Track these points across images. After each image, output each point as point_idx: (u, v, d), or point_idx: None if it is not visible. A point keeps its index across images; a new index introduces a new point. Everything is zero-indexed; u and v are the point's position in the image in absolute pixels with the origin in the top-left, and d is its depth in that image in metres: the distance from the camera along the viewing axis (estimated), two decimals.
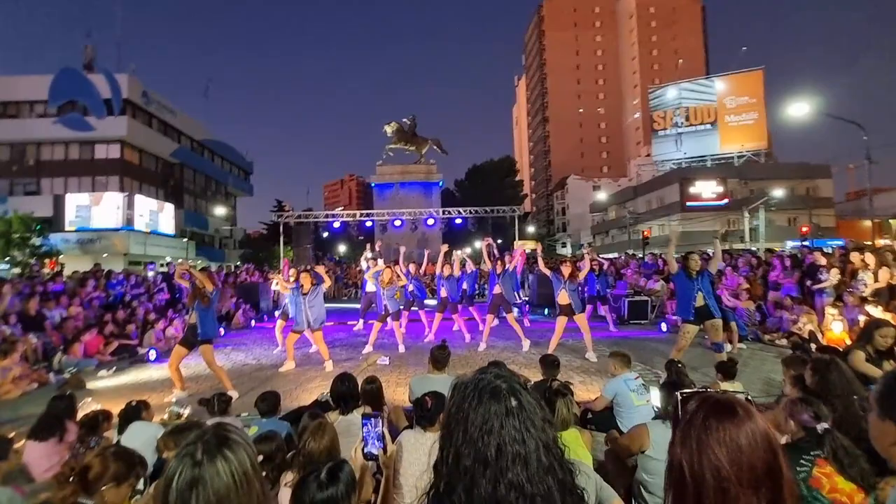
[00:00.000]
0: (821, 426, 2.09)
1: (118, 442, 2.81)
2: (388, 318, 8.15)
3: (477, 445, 0.95)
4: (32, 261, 20.84)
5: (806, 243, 19.95)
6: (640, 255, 20.31)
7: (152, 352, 8.42)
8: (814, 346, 6.45)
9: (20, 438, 3.50)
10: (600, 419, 4.04)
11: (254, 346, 9.20)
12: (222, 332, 10.83)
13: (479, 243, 37.52)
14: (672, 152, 39.32)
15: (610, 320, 10.19)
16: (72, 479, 1.93)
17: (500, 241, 25.01)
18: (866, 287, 7.70)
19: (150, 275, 13.51)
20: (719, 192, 35.22)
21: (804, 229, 24.84)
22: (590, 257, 9.65)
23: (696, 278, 5.79)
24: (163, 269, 16.26)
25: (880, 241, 16.04)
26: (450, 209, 20.87)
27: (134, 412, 3.32)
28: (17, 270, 18.62)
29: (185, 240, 31.30)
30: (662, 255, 16.07)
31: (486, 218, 19.96)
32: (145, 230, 29.04)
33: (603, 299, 10.49)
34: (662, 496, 0.97)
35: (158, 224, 30.69)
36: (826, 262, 8.93)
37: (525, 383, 1.06)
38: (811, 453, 1.99)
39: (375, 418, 1.51)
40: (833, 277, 8.47)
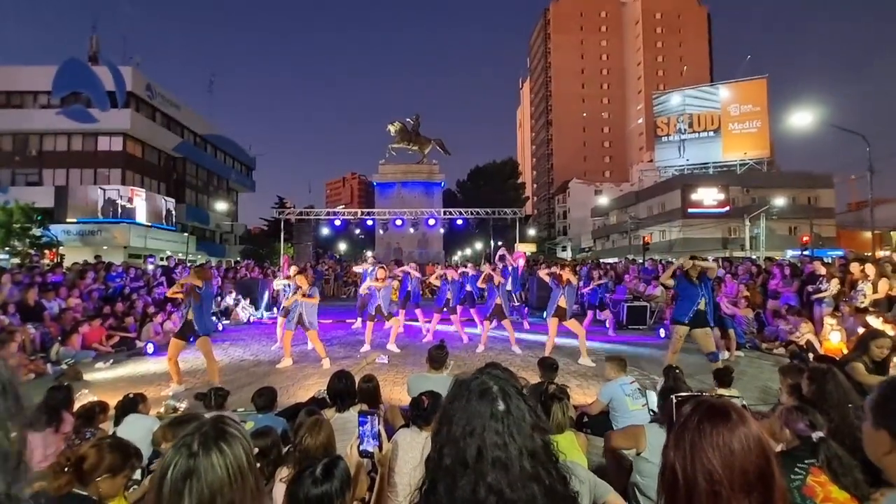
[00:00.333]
0: (816, 435, 2.09)
1: (114, 433, 2.81)
2: (378, 316, 8.17)
3: (458, 445, 0.94)
4: (32, 251, 20.86)
5: (806, 253, 19.96)
6: (641, 260, 20.31)
7: (150, 345, 8.43)
8: (811, 355, 6.45)
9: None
10: (596, 423, 4.07)
11: (252, 342, 9.21)
12: (221, 326, 10.85)
13: (479, 245, 37.66)
14: (675, 158, 39.38)
15: (610, 325, 10.20)
16: (67, 469, 1.93)
17: (500, 243, 24.99)
18: (865, 298, 7.69)
19: (149, 268, 13.51)
20: (721, 200, 35.26)
21: (805, 239, 24.85)
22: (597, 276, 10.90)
23: (699, 284, 5.81)
24: (163, 262, 16.25)
25: (880, 252, 16.04)
26: (451, 210, 20.88)
27: (131, 404, 3.32)
28: (16, 260, 18.61)
29: (186, 234, 31.30)
30: (663, 262, 16.08)
31: (487, 220, 19.95)
32: (146, 223, 29.04)
33: (602, 305, 10.54)
34: (656, 499, 0.97)
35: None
36: (825, 271, 8.92)
37: (522, 388, 1.06)
38: (805, 462, 1.99)
39: (372, 416, 1.52)
40: (832, 287, 8.47)
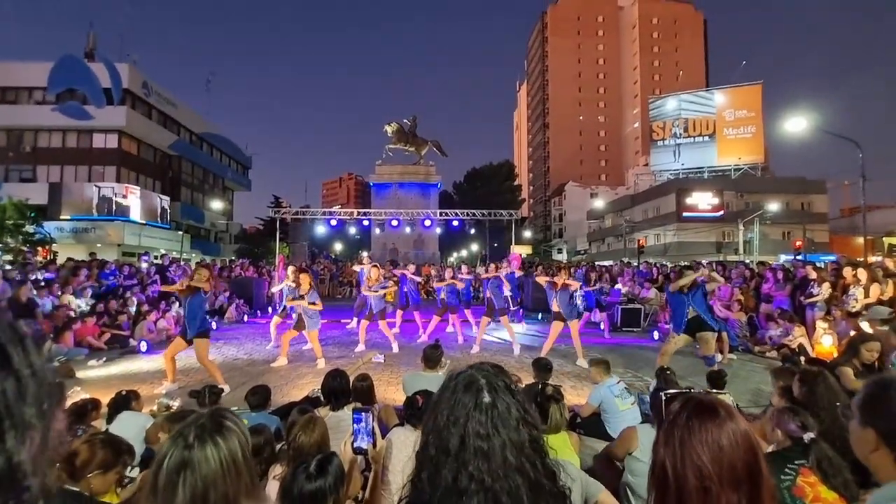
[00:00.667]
0: (807, 436, 2.11)
1: (106, 430, 2.80)
2: (373, 316, 8.18)
3: (442, 434, 0.96)
4: (26, 248, 20.67)
5: (799, 257, 20.13)
6: (636, 263, 20.40)
7: (143, 343, 8.37)
8: (803, 358, 6.49)
9: None
10: (588, 423, 4.15)
11: (246, 341, 9.18)
12: (214, 325, 10.80)
13: (475, 246, 37.71)
14: (670, 163, 39.60)
15: (605, 327, 10.24)
16: (58, 465, 1.92)
17: (496, 244, 25.02)
18: (857, 302, 7.77)
19: (143, 266, 13.42)
20: (715, 204, 35.48)
21: (798, 244, 25.02)
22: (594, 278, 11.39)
23: (686, 293, 5.97)
24: (157, 261, 16.14)
25: (872, 257, 16.19)
26: (447, 211, 20.90)
27: (124, 402, 3.30)
28: (9, 257, 18.44)
29: (181, 233, 31.13)
30: (658, 265, 16.15)
31: (483, 221, 19.97)
32: (140, 221, 28.86)
33: (600, 306, 10.60)
34: (647, 497, 0.98)
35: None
36: (817, 275, 9.01)
37: (515, 383, 1.06)
38: (796, 462, 2.01)
39: (367, 413, 1.52)
40: (824, 291, 8.54)
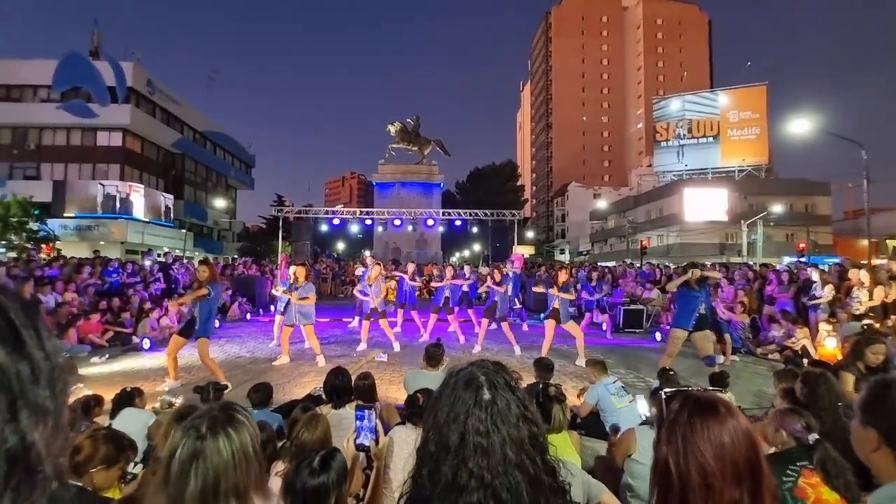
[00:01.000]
0: (811, 436, 2.11)
1: (109, 426, 2.81)
2: (372, 315, 8.20)
3: (442, 431, 0.96)
4: (29, 245, 20.78)
5: (803, 259, 20.05)
6: (638, 264, 20.36)
7: (146, 341, 8.41)
8: (806, 360, 6.48)
9: None
10: (588, 423, 4.19)
11: (248, 339, 9.20)
12: (217, 323, 10.82)
13: (477, 246, 37.66)
14: (673, 164, 39.49)
15: (607, 328, 10.22)
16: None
17: (498, 244, 25.01)
18: (861, 305, 7.74)
19: (146, 264, 13.46)
20: (719, 206, 35.34)
21: (801, 246, 24.94)
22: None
23: (699, 290, 5.84)
24: (160, 259, 16.19)
25: (877, 260, 16.09)
26: (449, 211, 20.90)
27: (127, 398, 3.32)
28: (13, 254, 18.54)
29: (184, 231, 31.22)
30: (661, 267, 16.12)
31: (485, 221, 19.96)
32: (144, 219, 28.96)
33: (601, 308, 10.58)
34: (648, 494, 0.99)
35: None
36: (819, 278, 8.99)
37: (515, 380, 1.06)
38: (798, 463, 2.00)
39: (369, 410, 1.52)
40: (828, 294, 8.51)
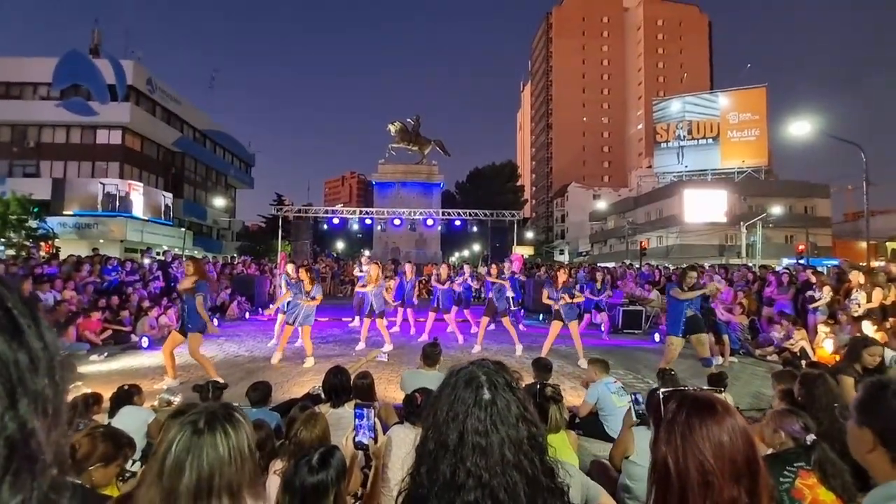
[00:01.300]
0: (809, 437, 2.11)
1: (108, 424, 2.81)
2: (373, 314, 8.20)
3: (441, 430, 0.96)
4: (29, 243, 20.75)
5: (802, 261, 20.08)
6: (638, 265, 20.38)
7: (145, 339, 8.41)
8: (804, 362, 6.49)
9: None
10: (586, 423, 4.19)
11: (247, 338, 9.20)
12: (216, 322, 10.81)
13: (477, 246, 37.68)
14: (673, 165, 39.53)
15: (605, 328, 10.20)
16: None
17: (497, 245, 25.01)
18: (859, 307, 7.76)
19: (145, 262, 13.46)
20: (719, 207, 35.38)
21: (801, 247, 24.98)
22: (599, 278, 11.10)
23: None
24: (159, 257, 16.19)
25: (875, 262, 16.13)
26: (449, 211, 20.90)
27: (126, 397, 3.32)
28: (12, 252, 18.52)
29: (183, 229, 31.19)
30: (660, 268, 16.13)
31: (485, 221, 19.98)
32: (143, 217, 28.94)
33: (598, 308, 10.52)
34: (646, 493, 0.99)
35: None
36: (816, 279, 9.00)
37: (515, 381, 1.07)
38: (795, 464, 2.01)
39: (368, 409, 1.53)
40: (826, 295, 8.53)
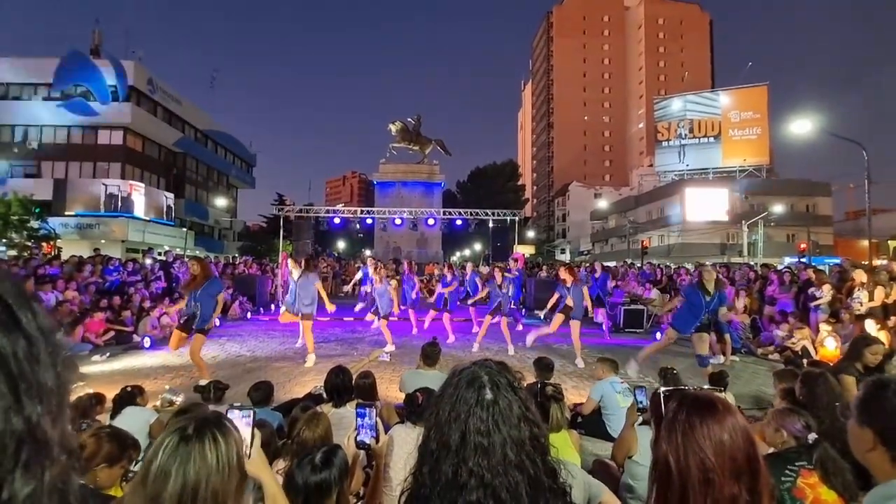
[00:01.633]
0: (811, 436, 2.12)
1: (111, 425, 2.82)
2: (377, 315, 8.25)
3: (443, 430, 0.97)
4: (30, 243, 20.80)
5: (803, 260, 20.05)
6: (639, 264, 20.36)
7: (147, 339, 8.43)
8: (806, 361, 6.48)
9: None
10: (589, 422, 4.17)
11: (249, 338, 9.21)
12: (217, 322, 10.82)
13: (478, 245, 37.66)
14: (674, 164, 39.48)
15: (605, 327, 10.11)
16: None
17: (499, 244, 25.00)
18: (861, 306, 7.76)
19: (147, 262, 13.49)
20: (720, 206, 35.34)
21: (802, 246, 24.94)
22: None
23: (712, 296, 5.40)
24: (161, 257, 16.21)
25: (877, 261, 16.08)
26: (450, 210, 20.89)
27: (129, 397, 3.33)
28: (14, 252, 18.56)
29: (185, 229, 31.25)
30: (661, 267, 16.11)
31: (486, 221, 19.95)
32: (145, 218, 28.99)
33: (600, 302, 10.25)
34: (647, 491, 1.00)
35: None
36: (816, 278, 9.00)
37: (518, 381, 1.07)
38: (796, 464, 2.01)
39: (370, 408, 1.53)
40: (827, 294, 8.53)
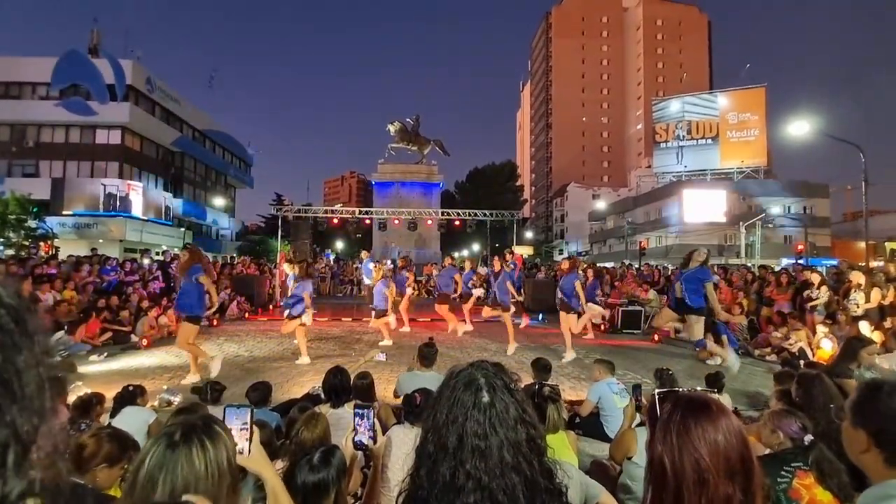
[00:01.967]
0: (807, 437, 2.13)
1: (109, 424, 2.82)
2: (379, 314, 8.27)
3: (441, 432, 0.97)
4: (28, 243, 20.74)
5: (801, 261, 20.12)
6: (637, 265, 20.40)
7: (144, 339, 8.41)
8: (802, 362, 6.51)
9: None
10: (587, 423, 4.19)
11: (247, 338, 9.20)
12: (216, 322, 10.81)
13: (476, 246, 37.66)
14: (672, 165, 39.56)
15: (591, 329, 9.66)
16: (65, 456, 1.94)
17: (497, 245, 25.02)
18: (857, 307, 7.80)
19: (145, 262, 13.47)
20: (718, 207, 35.44)
21: (800, 247, 25.01)
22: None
23: (682, 272, 6.33)
24: (159, 257, 16.20)
25: (874, 262, 16.16)
26: (449, 210, 20.90)
27: (130, 397, 3.33)
28: (11, 252, 18.51)
29: (183, 229, 31.19)
30: (659, 268, 16.14)
31: (484, 221, 19.97)
32: (143, 217, 28.93)
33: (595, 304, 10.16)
34: (643, 491, 1.01)
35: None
36: (812, 277, 9.04)
37: (514, 382, 1.07)
38: (792, 465, 2.02)
39: (368, 409, 1.54)
40: (823, 294, 8.56)
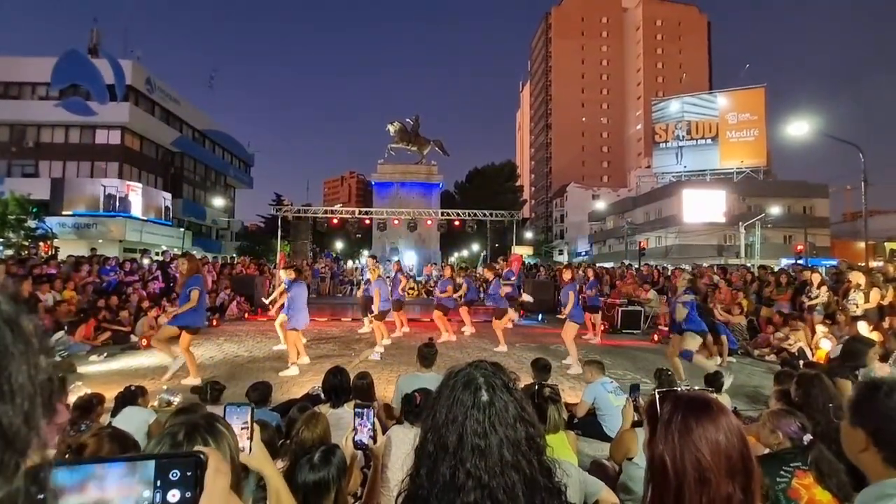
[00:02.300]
0: (807, 437, 2.14)
1: (110, 424, 2.82)
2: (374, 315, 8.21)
3: (440, 432, 0.97)
4: (27, 243, 20.73)
5: (800, 261, 20.14)
6: (637, 265, 20.41)
7: (144, 339, 8.41)
8: (802, 362, 6.52)
9: None
10: (585, 423, 4.21)
11: (247, 339, 9.21)
12: (215, 322, 10.83)
13: (476, 246, 37.67)
14: (672, 165, 39.58)
15: (592, 330, 9.64)
16: (67, 456, 1.95)
17: (497, 245, 25.03)
18: (856, 307, 7.81)
19: (144, 262, 13.47)
20: (717, 207, 35.44)
21: (799, 248, 25.04)
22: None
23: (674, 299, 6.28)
24: (158, 258, 16.19)
25: (874, 262, 16.19)
26: (448, 211, 20.91)
27: (131, 397, 3.33)
28: (11, 252, 18.50)
29: (182, 229, 31.18)
30: (659, 268, 16.16)
31: (484, 221, 19.98)
32: (142, 217, 28.91)
33: (595, 308, 9.91)
34: (643, 491, 1.01)
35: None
36: (811, 278, 9.07)
37: (513, 381, 1.07)
38: (791, 464, 2.03)
39: (368, 409, 1.55)
40: (822, 294, 8.58)
